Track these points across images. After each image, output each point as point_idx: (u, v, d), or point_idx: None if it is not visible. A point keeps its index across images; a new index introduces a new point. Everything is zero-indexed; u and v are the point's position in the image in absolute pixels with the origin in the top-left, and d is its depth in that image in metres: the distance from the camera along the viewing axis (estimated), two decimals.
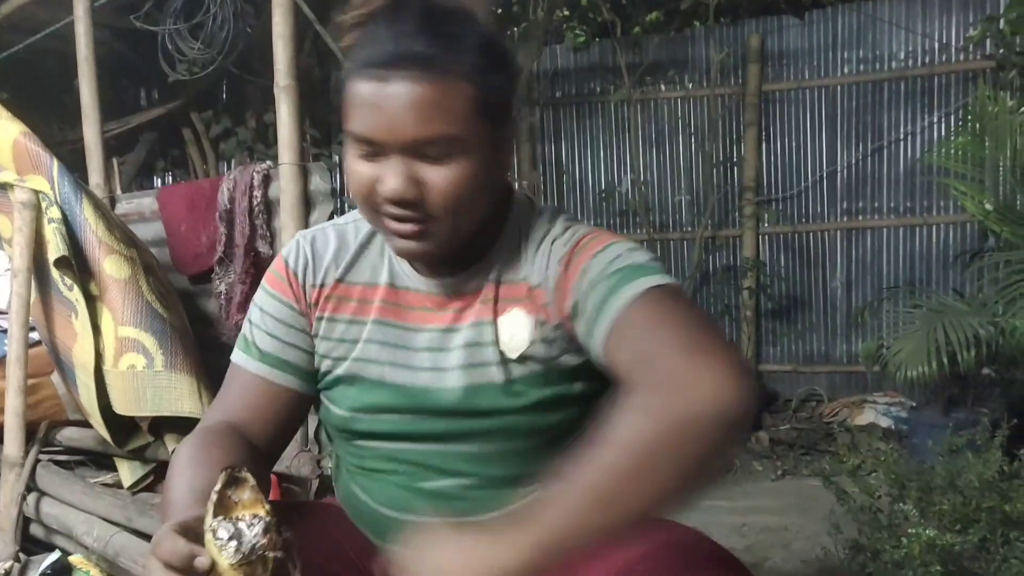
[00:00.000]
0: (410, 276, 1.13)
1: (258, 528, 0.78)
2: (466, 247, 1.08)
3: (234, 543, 0.77)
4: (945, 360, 2.55)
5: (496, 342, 1.08)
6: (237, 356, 1.16)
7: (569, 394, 1.09)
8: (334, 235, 1.17)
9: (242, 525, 0.78)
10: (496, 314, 1.09)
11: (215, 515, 0.78)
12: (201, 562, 0.77)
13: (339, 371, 1.13)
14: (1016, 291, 2.44)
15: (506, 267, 1.10)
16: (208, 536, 0.77)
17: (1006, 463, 2.35)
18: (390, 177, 0.98)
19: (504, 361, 1.07)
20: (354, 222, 1.19)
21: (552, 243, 1.08)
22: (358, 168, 1.01)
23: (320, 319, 1.15)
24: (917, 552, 2.18)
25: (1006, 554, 2.22)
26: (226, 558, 0.76)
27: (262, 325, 1.15)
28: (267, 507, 0.82)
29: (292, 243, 1.19)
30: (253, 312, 1.17)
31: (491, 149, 1.02)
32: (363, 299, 1.14)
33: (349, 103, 0.99)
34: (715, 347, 0.87)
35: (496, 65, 1.00)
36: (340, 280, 1.14)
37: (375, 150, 0.98)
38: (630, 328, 0.94)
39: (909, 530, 2.24)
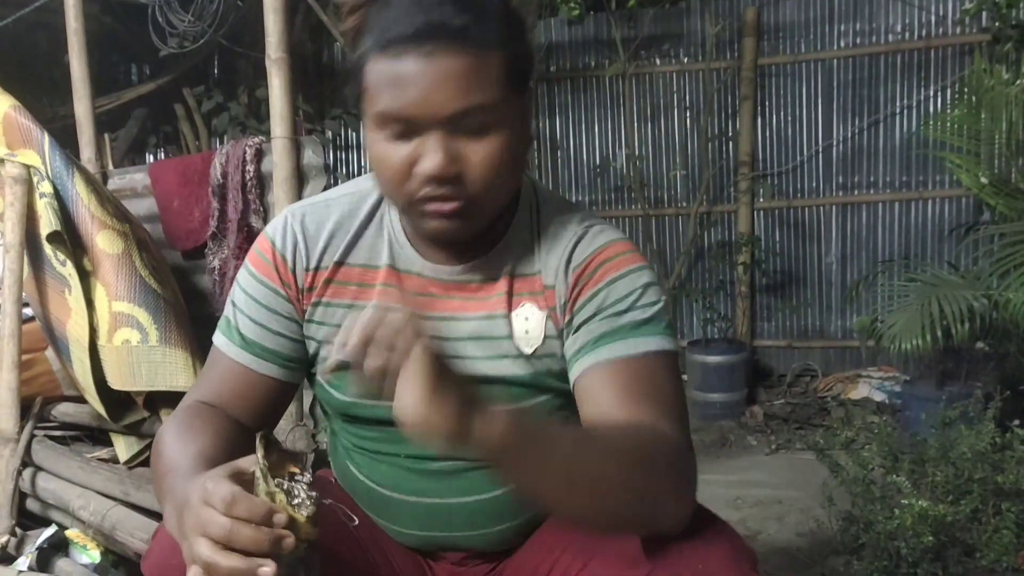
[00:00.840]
0: (412, 260, 1.09)
1: (306, 480, 0.81)
2: (482, 232, 1.05)
3: (306, 499, 0.79)
4: (940, 333, 2.56)
5: (511, 336, 1.06)
6: (219, 339, 1.12)
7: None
8: (327, 212, 1.12)
9: (296, 483, 0.80)
10: (510, 308, 1.07)
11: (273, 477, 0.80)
12: (280, 518, 0.76)
13: (339, 357, 1.11)
14: (1011, 263, 2.44)
15: (520, 260, 1.08)
16: (281, 497, 0.78)
17: (998, 435, 2.37)
18: (431, 154, 0.94)
19: (518, 356, 1.06)
20: (347, 196, 1.13)
21: (571, 245, 1.07)
22: (389, 152, 0.96)
23: (317, 304, 1.10)
24: (909, 523, 2.20)
25: (997, 524, 2.25)
26: (304, 513, 0.78)
27: (246, 310, 1.10)
28: (297, 463, 0.84)
29: (279, 220, 1.13)
30: (236, 294, 1.12)
31: (520, 120, 1.00)
32: (363, 282, 1.10)
33: (375, 83, 0.94)
34: (684, 432, 0.98)
35: (519, 32, 0.99)
36: (339, 263, 1.10)
37: (409, 128, 0.94)
38: (611, 380, 0.99)
39: (902, 501, 2.26)
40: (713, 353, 4.38)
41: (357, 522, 0.85)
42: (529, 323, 1.06)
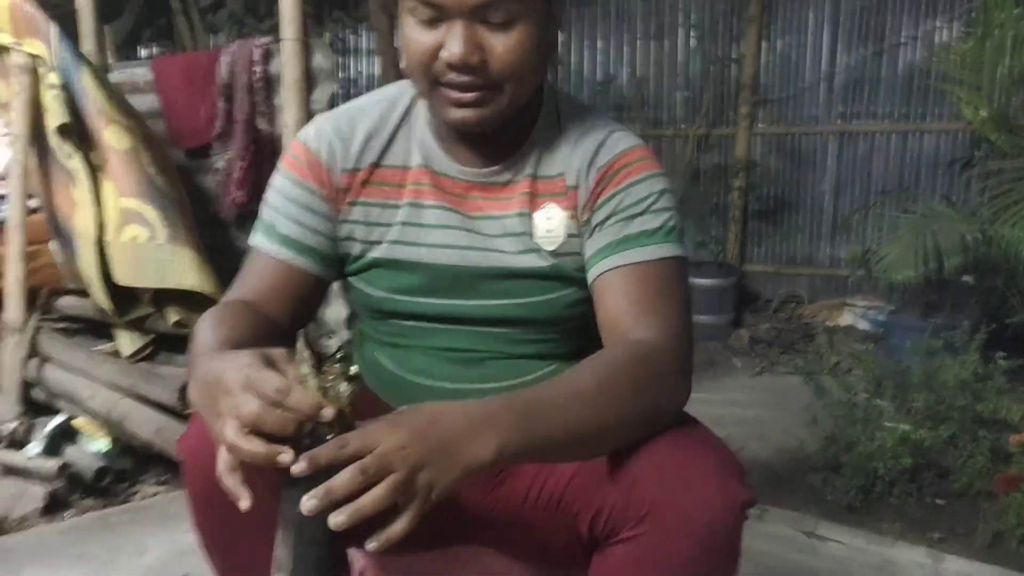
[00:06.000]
0: (442, 160, 1.13)
1: (340, 372, 0.84)
2: (505, 131, 1.09)
3: (348, 390, 0.82)
4: (932, 265, 2.62)
5: (530, 234, 1.11)
6: (257, 240, 1.15)
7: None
8: (360, 117, 1.15)
9: (334, 378, 0.83)
10: (532, 207, 1.12)
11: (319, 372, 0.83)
12: (328, 412, 0.80)
13: (374, 254, 1.14)
14: (1010, 199, 2.49)
15: (542, 161, 1.13)
16: (332, 392, 0.82)
17: (981, 365, 2.46)
18: (454, 42, 0.99)
19: (540, 253, 1.11)
20: (378, 102, 1.17)
21: (595, 148, 1.12)
22: (417, 36, 1.01)
23: (353, 204, 1.14)
24: (890, 444, 2.30)
25: (972, 450, 2.35)
26: (345, 403, 0.82)
27: (283, 210, 1.14)
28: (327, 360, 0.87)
29: (311, 126, 1.17)
30: (272, 197, 1.15)
31: (545, 22, 1.04)
32: (396, 182, 1.14)
33: None
34: (680, 339, 1.03)
35: None
36: (375, 164, 1.14)
37: (437, 15, 0.99)
38: (623, 285, 1.06)
39: (884, 424, 2.35)
40: (703, 276, 4.45)
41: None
42: (551, 222, 1.11)
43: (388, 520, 0.81)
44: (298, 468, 0.79)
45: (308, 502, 0.79)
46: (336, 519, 0.78)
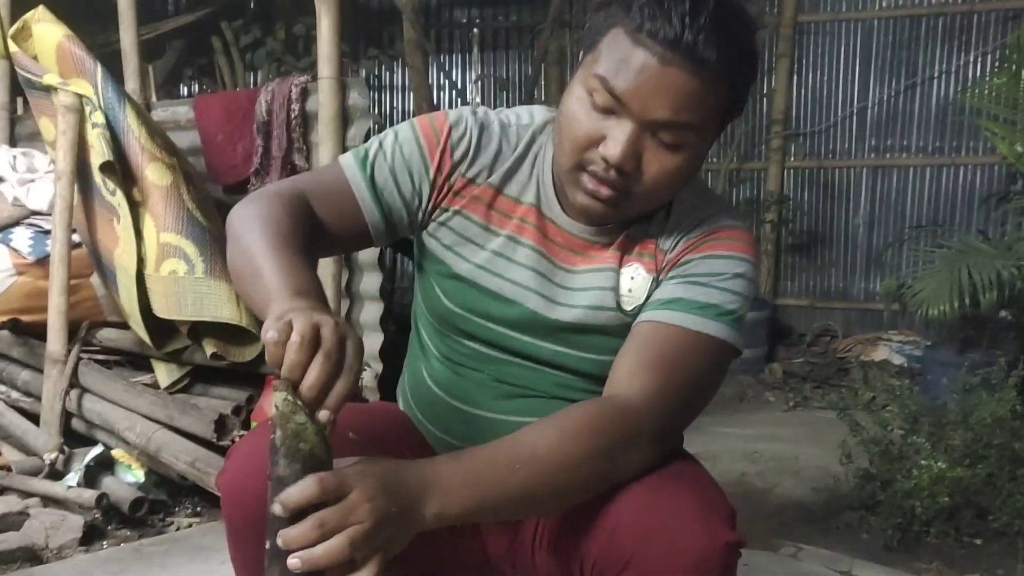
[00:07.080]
0: (553, 207, 1.13)
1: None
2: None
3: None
4: (967, 301, 2.59)
5: (615, 289, 1.11)
6: (348, 161, 1.13)
7: None
8: (500, 134, 1.15)
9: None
10: (620, 264, 1.12)
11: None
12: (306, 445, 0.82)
13: (459, 270, 1.14)
14: None
15: (643, 224, 1.13)
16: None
17: (1019, 403, 2.41)
18: (618, 142, 0.99)
19: (618, 310, 1.11)
20: (515, 126, 1.16)
21: (696, 222, 1.11)
22: (584, 117, 1.01)
23: (457, 212, 1.14)
24: (927, 483, 2.27)
25: (1011, 489, 2.31)
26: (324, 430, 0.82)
27: (388, 155, 1.12)
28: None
29: (464, 114, 1.15)
30: (388, 139, 1.14)
31: (705, 149, 1.06)
32: (505, 211, 1.14)
33: (608, 49, 0.99)
34: (665, 409, 1.00)
35: (750, 75, 1.03)
36: (492, 186, 1.14)
37: (615, 108, 0.99)
38: (646, 338, 1.05)
39: (920, 462, 2.32)
40: None
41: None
42: (634, 282, 1.11)
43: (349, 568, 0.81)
44: (276, 509, 0.81)
45: (270, 538, 0.81)
46: (291, 562, 0.79)
